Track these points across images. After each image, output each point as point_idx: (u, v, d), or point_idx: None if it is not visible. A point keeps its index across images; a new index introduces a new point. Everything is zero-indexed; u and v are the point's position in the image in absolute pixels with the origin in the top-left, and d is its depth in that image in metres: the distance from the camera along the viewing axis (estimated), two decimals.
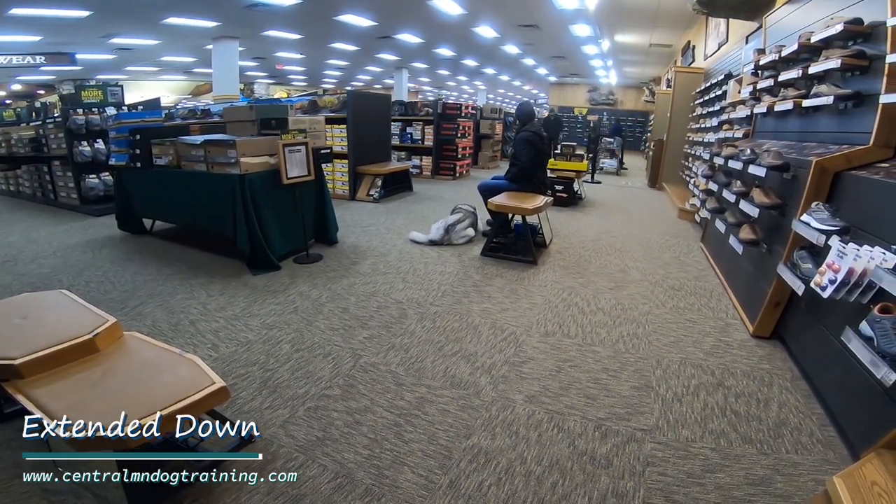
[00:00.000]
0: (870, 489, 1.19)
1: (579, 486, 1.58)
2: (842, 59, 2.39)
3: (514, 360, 2.37)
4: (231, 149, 3.48)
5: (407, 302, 3.05)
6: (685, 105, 7.82)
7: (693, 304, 3.17)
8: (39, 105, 7.94)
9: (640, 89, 18.74)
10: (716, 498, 1.54)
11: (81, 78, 13.86)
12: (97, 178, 5.87)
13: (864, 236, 1.94)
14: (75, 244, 4.40)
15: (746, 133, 4.35)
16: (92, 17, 8.52)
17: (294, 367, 2.26)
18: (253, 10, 8.55)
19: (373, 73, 18.74)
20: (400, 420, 1.90)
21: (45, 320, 1.68)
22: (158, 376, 1.46)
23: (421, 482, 1.58)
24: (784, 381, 2.26)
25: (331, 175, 6.59)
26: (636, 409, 2.01)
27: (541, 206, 3.86)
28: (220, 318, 2.77)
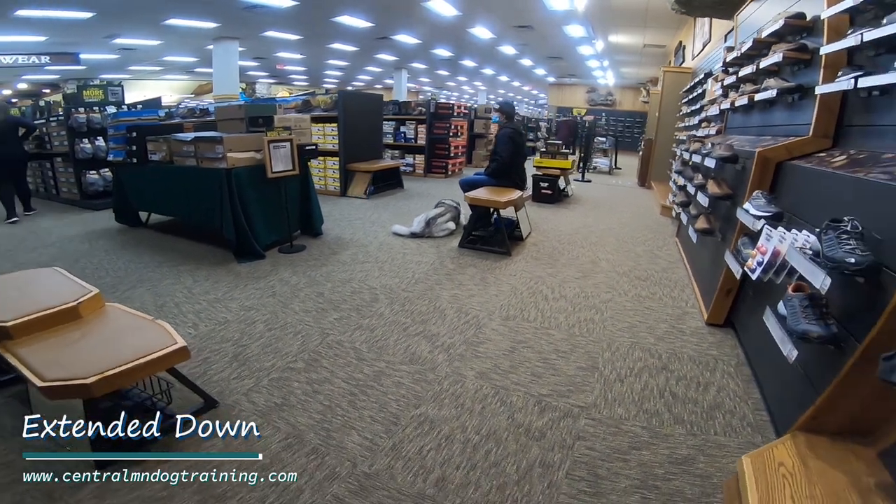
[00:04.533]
0: (776, 470, 1.26)
1: (510, 456, 1.70)
2: (784, 52, 2.51)
3: (473, 341, 2.53)
4: (218, 144, 3.67)
5: (380, 288, 3.22)
6: (673, 105, 7.95)
7: (655, 294, 3.31)
8: (44, 104, 8.18)
9: (638, 90, 18.84)
10: (636, 474, 1.63)
11: (85, 77, 14.12)
12: (97, 174, 6.09)
13: (796, 222, 2.07)
14: (74, 235, 4.61)
15: (719, 130, 4.48)
16: (95, 18, 8.73)
17: (265, 344, 2.43)
18: (251, 12, 8.75)
19: (373, 74, 18.95)
20: (355, 390, 2.06)
21: (36, 291, 1.87)
22: (129, 338, 1.65)
23: (366, 444, 1.74)
24: (728, 366, 2.36)
25: (322, 172, 6.78)
26: (578, 387, 2.15)
27: (514, 200, 4.02)
28: (203, 300, 2.95)
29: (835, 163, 2.03)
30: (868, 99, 2.04)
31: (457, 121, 9.09)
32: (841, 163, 2.00)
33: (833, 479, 1.26)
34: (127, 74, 15.91)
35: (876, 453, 1.35)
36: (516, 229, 4.42)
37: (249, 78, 18.67)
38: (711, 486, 1.57)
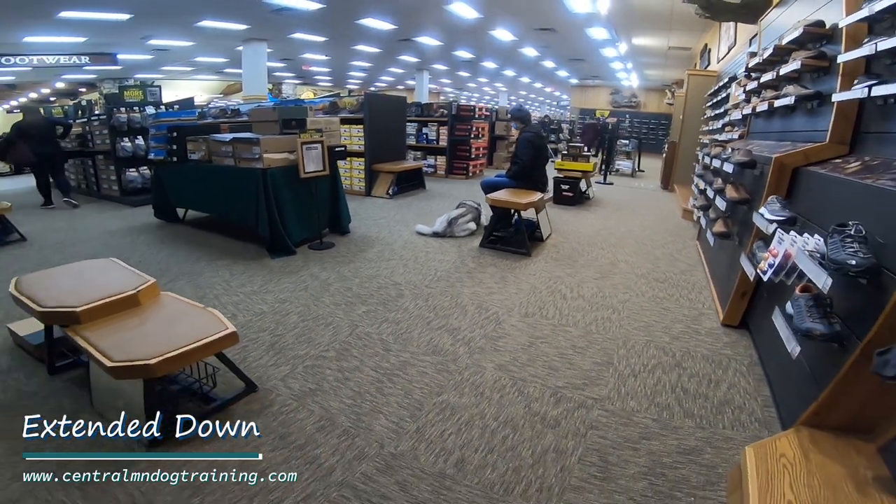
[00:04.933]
0: (777, 460, 1.34)
1: (526, 441, 1.82)
2: (803, 60, 2.57)
3: (492, 335, 2.66)
4: (255, 146, 3.89)
5: (405, 284, 3.37)
6: (698, 108, 7.91)
7: (672, 295, 3.38)
8: (85, 103, 8.59)
9: (663, 92, 18.63)
10: (645, 462, 1.71)
11: (121, 77, 14.72)
12: (136, 171, 6.42)
13: (809, 226, 2.14)
14: (116, 230, 4.90)
15: (742, 134, 4.50)
16: (132, 20, 9.10)
17: (299, 334, 2.61)
18: (279, 14, 9.03)
19: (395, 75, 19.20)
20: (383, 378, 2.21)
21: (98, 280, 2.07)
22: (184, 323, 1.83)
23: (392, 427, 1.88)
24: (741, 365, 2.43)
25: (349, 172, 6.98)
26: (593, 381, 2.25)
27: (535, 202, 4.12)
28: (241, 293, 3.16)
29: (848, 169, 2.09)
30: (884, 107, 2.09)
31: (478, 123, 9.21)
32: (854, 169, 2.05)
33: (832, 471, 1.33)
34: (160, 74, 16.47)
35: (876, 448, 1.41)
36: (537, 230, 4.53)
37: (276, 78, 19.11)
38: (716, 476, 1.66)
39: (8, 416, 1.87)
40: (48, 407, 1.94)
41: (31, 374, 2.18)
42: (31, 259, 3.95)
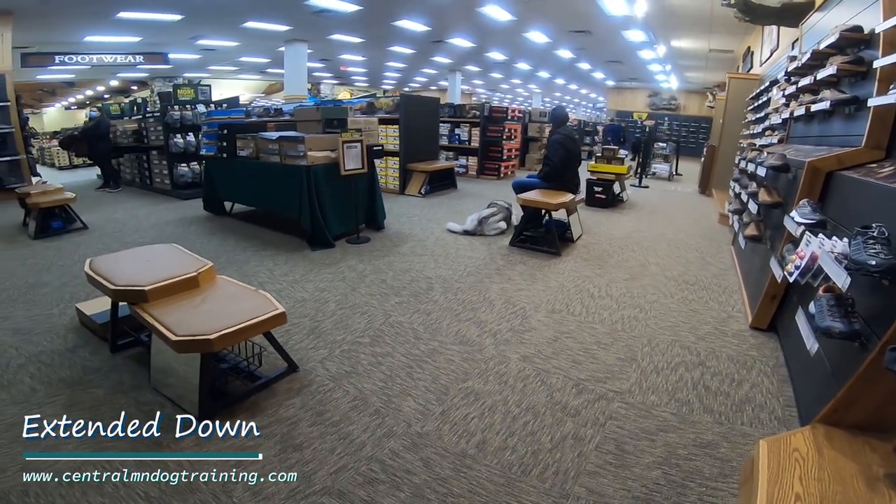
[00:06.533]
0: (790, 454, 1.37)
1: (546, 428, 1.92)
2: (839, 65, 2.56)
3: (518, 329, 2.76)
4: (300, 144, 4.13)
5: (435, 278, 3.52)
6: (739, 111, 7.74)
7: (702, 298, 3.38)
8: (140, 101, 9.16)
9: (704, 94, 18.12)
10: (661, 452, 1.77)
11: (170, 76, 15.47)
12: (187, 166, 6.82)
13: (839, 230, 2.15)
14: (168, 221, 5.26)
15: (782, 139, 4.43)
16: (183, 21, 9.59)
17: (336, 321, 2.79)
18: (320, 16, 9.36)
19: (428, 76, 19.43)
20: (412, 364, 2.36)
21: (161, 263, 2.30)
22: (238, 303, 2.02)
23: (419, 409, 2.02)
24: (766, 367, 2.44)
25: (384, 171, 7.20)
26: (615, 375, 2.32)
27: (566, 203, 4.19)
28: (283, 281, 3.39)
29: (881, 173, 2.09)
30: None
31: (510, 124, 9.27)
32: (887, 173, 2.05)
33: (844, 467, 1.35)
34: (206, 73, 17.17)
35: (892, 448, 1.44)
36: (567, 231, 4.58)
37: (315, 79, 19.66)
38: (730, 469, 1.71)
39: (74, 390, 2.07)
40: (110, 382, 2.13)
41: (95, 352, 2.40)
42: (93, 245, 4.31)
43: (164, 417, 1.75)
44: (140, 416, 1.77)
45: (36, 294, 3.15)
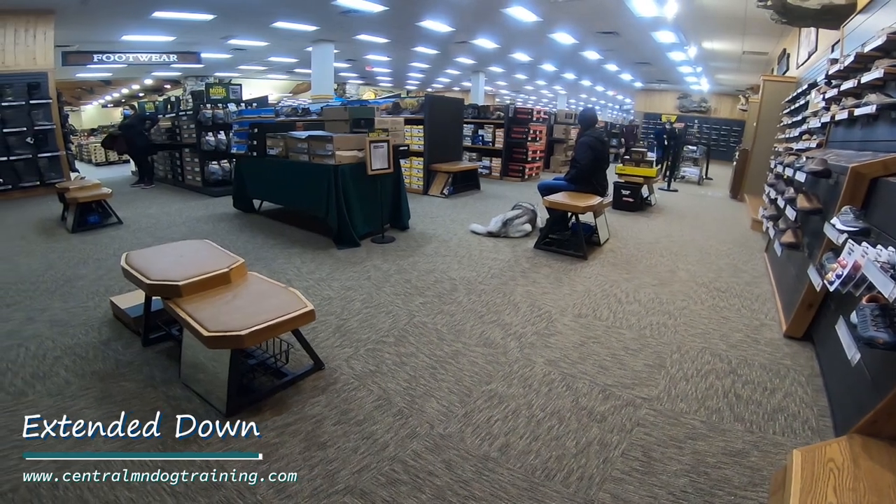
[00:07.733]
0: (825, 464, 1.33)
1: (571, 433, 1.89)
2: (885, 68, 2.46)
3: (544, 333, 2.74)
4: (329, 143, 4.18)
5: (459, 279, 3.52)
6: (773, 115, 7.51)
7: (734, 305, 3.29)
8: (174, 99, 9.43)
9: (736, 97, 17.64)
10: (689, 460, 1.74)
11: (202, 75, 15.88)
12: (218, 164, 6.98)
13: (884, 238, 2.06)
14: (199, 217, 5.40)
15: (821, 143, 4.28)
16: (215, 20, 9.80)
17: (362, 320, 2.81)
18: (346, 16, 9.47)
19: (451, 76, 19.42)
20: (436, 365, 2.36)
21: (195, 258, 2.36)
22: (269, 300, 2.05)
23: (442, 410, 2.02)
24: (800, 376, 2.36)
25: (408, 171, 7.23)
26: (643, 381, 2.28)
27: (593, 206, 4.13)
28: (310, 279, 3.44)
29: None
30: None
31: (535, 125, 9.19)
32: None
33: (880, 478, 1.30)
34: (236, 73, 17.56)
35: None
36: (594, 235, 4.52)
37: (340, 79, 19.89)
38: (760, 478, 1.66)
39: (107, 383, 2.13)
40: (141, 376, 2.18)
41: (128, 345, 2.46)
42: (127, 240, 4.46)
43: (189, 414, 1.79)
44: (169, 412, 1.82)
45: (73, 287, 3.27)
